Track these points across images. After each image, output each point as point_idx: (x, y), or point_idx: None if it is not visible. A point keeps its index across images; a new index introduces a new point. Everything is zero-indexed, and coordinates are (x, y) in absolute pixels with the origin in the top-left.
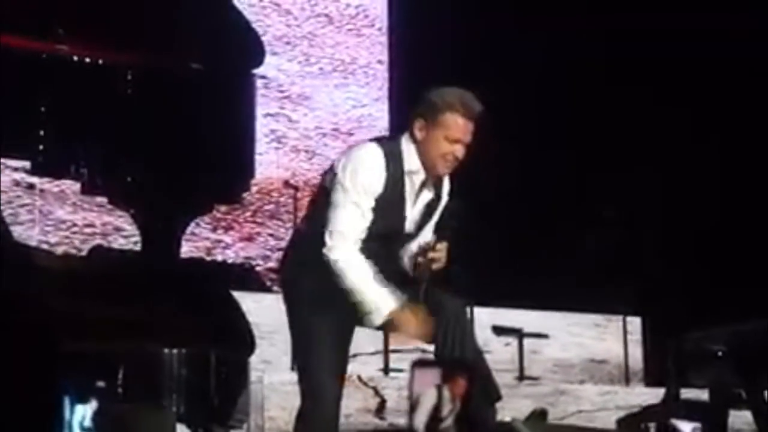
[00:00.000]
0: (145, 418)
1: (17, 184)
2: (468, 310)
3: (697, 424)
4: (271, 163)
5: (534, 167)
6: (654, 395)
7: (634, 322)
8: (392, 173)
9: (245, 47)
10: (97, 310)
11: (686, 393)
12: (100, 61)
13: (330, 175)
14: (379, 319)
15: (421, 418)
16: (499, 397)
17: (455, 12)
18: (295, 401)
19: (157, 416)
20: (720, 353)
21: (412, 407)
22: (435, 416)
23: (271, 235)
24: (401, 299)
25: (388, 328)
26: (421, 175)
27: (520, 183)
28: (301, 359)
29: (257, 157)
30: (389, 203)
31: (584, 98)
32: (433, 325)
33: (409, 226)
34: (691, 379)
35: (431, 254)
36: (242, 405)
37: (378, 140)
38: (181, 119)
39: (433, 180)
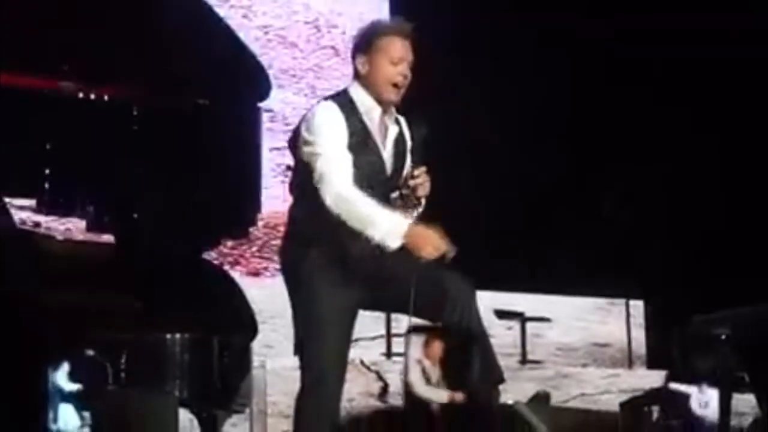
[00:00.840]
0: (148, 402)
1: (23, 223)
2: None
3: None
4: (277, 197)
5: (538, 153)
6: (657, 378)
7: (637, 306)
8: (351, 118)
9: (251, 81)
10: (101, 296)
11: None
12: (105, 98)
13: (299, 146)
14: (395, 240)
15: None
16: (502, 380)
17: (460, 42)
18: (298, 386)
19: (159, 401)
20: (724, 337)
21: (406, 384)
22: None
23: (278, 269)
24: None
25: (406, 248)
26: (377, 110)
27: (524, 168)
28: (303, 342)
29: (263, 191)
30: (361, 147)
31: (590, 85)
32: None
33: (388, 166)
34: (695, 363)
35: (412, 182)
36: (245, 390)
37: (327, 97)
38: (187, 154)
39: (389, 112)
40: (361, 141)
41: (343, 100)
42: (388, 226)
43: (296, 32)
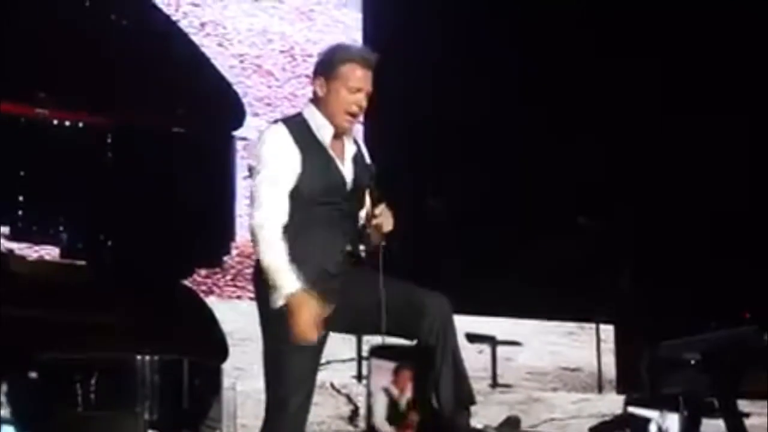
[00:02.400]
0: (118, 424)
1: None
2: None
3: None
4: None
5: (508, 176)
6: None
7: (608, 330)
8: (303, 137)
9: (226, 109)
10: (71, 317)
11: None
12: (80, 125)
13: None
14: (280, 300)
15: (379, 420)
16: (473, 402)
17: (432, 69)
18: None
19: (129, 422)
20: (693, 361)
21: (369, 409)
22: (392, 413)
23: (251, 298)
24: (311, 285)
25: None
26: (329, 129)
27: (495, 192)
28: (269, 363)
29: (237, 220)
30: (319, 163)
31: (557, 110)
32: (322, 322)
33: (348, 181)
34: (665, 387)
35: (375, 221)
36: (215, 412)
37: (278, 120)
38: (161, 182)
39: (342, 133)
40: (318, 157)
41: (295, 121)
42: (279, 284)
43: (272, 61)
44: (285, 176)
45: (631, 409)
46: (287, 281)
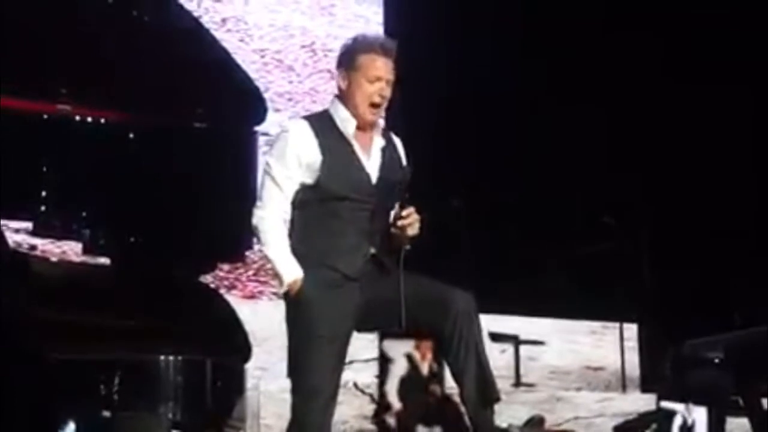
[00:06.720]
0: (141, 424)
1: (19, 245)
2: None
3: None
4: None
5: (531, 173)
6: (651, 402)
7: (631, 329)
8: (325, 132)
9: (248, 104)
10: (93, 317)
11: None
12: (102, 121)
13: None
14: (282, 287)
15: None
16: (498, 398)
17: (454, 64)
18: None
19: (152, 423)
20: (717, 360)
21: (382, 380)
22: (412, 379)
23: (274, 293)
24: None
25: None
26: (352, 122)
27: (518, 189)
28: (297, 355)
29: None
30: (342, 158)
31: (579, 105)
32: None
33: (374, 176)
34: (688, 387)
35: (401, 222)
36: (238, 412)
37: (304, 116)
38: (183, 178)
39: (367, 125)
40: (341, 151)
41: (319, 116)
42: (280, 272)
43: (293, 56)
44: (296, 176)
45: (664, 403)
46: (288, 270)
